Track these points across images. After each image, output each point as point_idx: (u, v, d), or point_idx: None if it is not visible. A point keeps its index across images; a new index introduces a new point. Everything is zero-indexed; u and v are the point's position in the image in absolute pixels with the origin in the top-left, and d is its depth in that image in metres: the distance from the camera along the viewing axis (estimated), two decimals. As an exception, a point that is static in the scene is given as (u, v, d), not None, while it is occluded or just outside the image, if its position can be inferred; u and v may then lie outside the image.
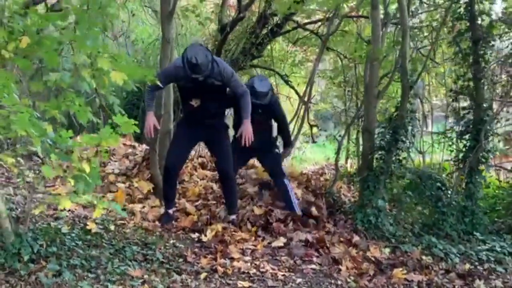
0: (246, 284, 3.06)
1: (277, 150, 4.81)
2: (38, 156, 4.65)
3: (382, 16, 4.69)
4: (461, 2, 4.79)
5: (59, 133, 2.93)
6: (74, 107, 2.90)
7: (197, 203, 4.57)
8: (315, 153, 11.82)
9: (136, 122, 2.82)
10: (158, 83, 3.01)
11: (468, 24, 4.78)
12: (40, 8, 6.82)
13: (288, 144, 5.03)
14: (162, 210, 4.33)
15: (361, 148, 5.12)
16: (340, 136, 5.43)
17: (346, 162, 8.76)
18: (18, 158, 3.36)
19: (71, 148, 3.01)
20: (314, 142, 8.77)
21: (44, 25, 2.67)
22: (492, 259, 3.93)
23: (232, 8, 9.52)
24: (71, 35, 2.66)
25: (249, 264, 3.36)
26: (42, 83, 2.68)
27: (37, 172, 4.52)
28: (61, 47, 2.75)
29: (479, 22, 4.72)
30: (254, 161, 5.53)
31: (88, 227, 3.50)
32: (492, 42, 4.83)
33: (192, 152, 5.11)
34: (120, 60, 2.51)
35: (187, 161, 4.98)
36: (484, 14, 4.75)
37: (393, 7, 4.92)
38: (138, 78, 2.77)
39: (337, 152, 5.35)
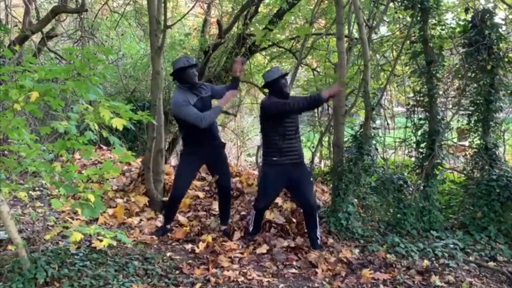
0: (236, 292, 3.22)
1: (311, 178, 4.23)
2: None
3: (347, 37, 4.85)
4: (416, 27, 4.99)
5: (66, 168, 3.05)
6: (77, 145, 3.02)
7: (188, 215, 4.71)
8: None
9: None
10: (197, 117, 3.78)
11: (422, 46, 4.99)
12: (36, 36, 6.83)
13: None
14: (158, 222, 4.46)
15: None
16: (313, 147, 5.60)
17: (320, 162, 8.97)
18: (30, 191, 3.44)
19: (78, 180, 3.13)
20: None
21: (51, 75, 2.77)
22: (446, 254, 4.06)
23: (213, 25, 9.61)
24: (74, 84, 2.77)
25: (237, 272, 3.48)
26: (50, 128, 2.78)
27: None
28: (66, 95, 2.87)
29: (431, 45, 4.92)
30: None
31: (93, 245, 3.62)
32: (443, 63, 5.03)
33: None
34: (120, 108, 2.63)
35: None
36: (435, 38, 4.96)
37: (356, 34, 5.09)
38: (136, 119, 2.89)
39: (311, 161, 5.53)
